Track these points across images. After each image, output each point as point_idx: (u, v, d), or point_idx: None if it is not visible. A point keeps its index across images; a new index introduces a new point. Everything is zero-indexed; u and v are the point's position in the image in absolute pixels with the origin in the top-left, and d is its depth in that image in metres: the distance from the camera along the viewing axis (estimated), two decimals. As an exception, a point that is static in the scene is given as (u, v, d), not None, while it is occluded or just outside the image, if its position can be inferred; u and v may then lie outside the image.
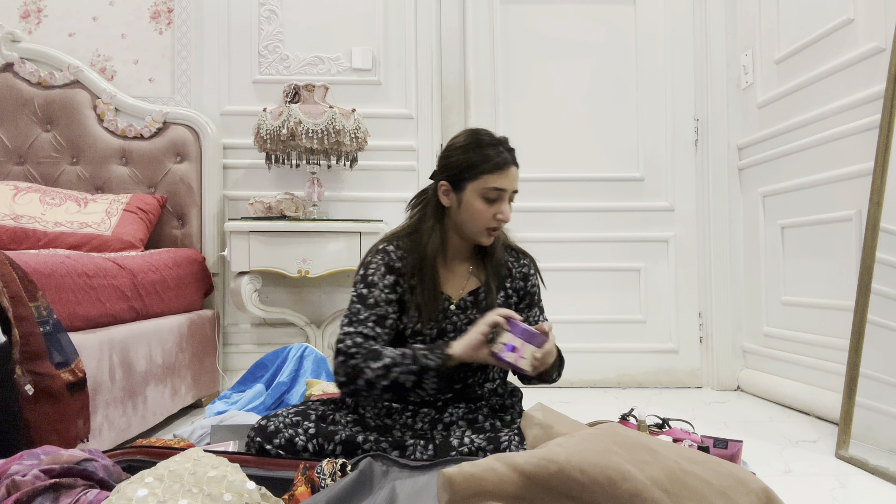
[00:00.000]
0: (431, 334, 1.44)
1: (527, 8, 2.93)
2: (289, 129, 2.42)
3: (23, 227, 2.17)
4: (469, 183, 1.40)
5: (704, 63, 2.88)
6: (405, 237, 1.49)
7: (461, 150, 1.42)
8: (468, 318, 1.47)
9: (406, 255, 1.45)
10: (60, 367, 1.36)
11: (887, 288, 1.78)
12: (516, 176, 1.43)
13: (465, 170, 1.41)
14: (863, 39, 2.04)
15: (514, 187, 1.42)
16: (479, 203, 1.40)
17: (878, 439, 1.71)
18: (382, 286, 1.41)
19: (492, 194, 1.39)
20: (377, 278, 1.41)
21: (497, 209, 1.41)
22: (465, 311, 1.48)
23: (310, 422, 1.36)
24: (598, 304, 2.89)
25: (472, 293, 1.49)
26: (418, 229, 1.48)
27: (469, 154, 1.41)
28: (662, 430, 1.74)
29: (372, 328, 1.36)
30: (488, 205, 1.40)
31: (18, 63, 2.66)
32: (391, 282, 1.42)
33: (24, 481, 0.99)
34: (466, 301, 1.48)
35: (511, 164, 1.41)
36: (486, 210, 1.40)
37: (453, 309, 1.47)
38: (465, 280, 1.50)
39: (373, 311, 1.38)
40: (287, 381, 2.08)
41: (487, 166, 1.39)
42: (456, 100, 2.91)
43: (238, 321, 2.80)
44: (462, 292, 1.49)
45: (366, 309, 1.38)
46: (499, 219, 1.41)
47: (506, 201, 1.42)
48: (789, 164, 2.44)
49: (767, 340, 2.61)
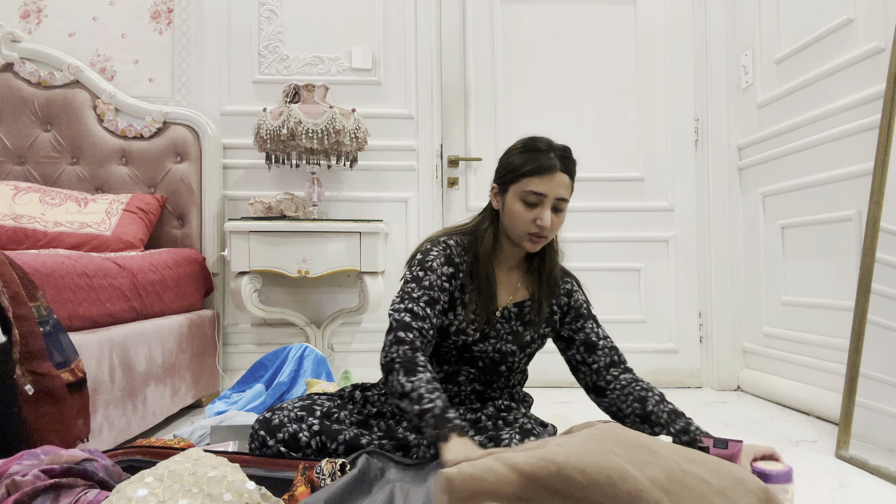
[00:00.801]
0: (474, 336, 1.43)
1: (527, 8, 2.93)
2: (289, 129, 2.42)
3: (23, 227, 2.17)
4: (511, 185, 1.40)
5: (704, 63, 2.88)
6: (465, 234, 1.49)
7: (513, 153, 1.42)
8: (510, 329, 1.46)
9: (464, 253, 1.45)
10: (60, 367, 1.36)
11: (887, 288, 1.78)
12: (564, 183, 1.39)
13: (509, 171, 1.41)
14: (863, 39, 2.04)
15: (557, 194, 1.38)
16: (517, 206, 1.39)
17: (878, 439, 1.71)
18: (440, 273, 1.39)
19: (530, 198, 1.37)
20: (436, 265, 1.40)
21: (537, 214, 1.37)
22: (508, 321, 1.47)
23: (314, 418, 1.36)
24: (598, 304, 2.84)
25: (518, 305, 1.48)
26: (476, 229, 1.48)
27: (517, 157, 1.41)
28: (662, 430, 1.74)
29: (423, 308, 1.34)
30: (528, 209, 1.38)
31: (18, 63, 2.66)
32: (449, 273, 1.41)
33: (24, 481, 0.99)
34: (511, 311, 1.47)
35: (556, 170, 1.37)
36: (525, 214, 1.38)
37: (498, 316, 1.46)
38: (514, 289, 1.50)
39: (427, 292, 1.36)
40: (287, 381, 2.08)
41: (528, 169, 1.37)
42: (456, 100, 2.91)
43: (238, 321, 2.80)
44: (509, 301, 1.48)
45: (419, 289, 1.36)
46: (539, 224, 1.37)
47: (546, 208, 1.37)
48: (789, 164, 2.44)
49: (767, 340, 2.61)
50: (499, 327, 1.45)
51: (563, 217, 1.43)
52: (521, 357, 1.49)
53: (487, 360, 1.46)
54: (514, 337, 1.46)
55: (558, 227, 1.42)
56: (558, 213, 1.40)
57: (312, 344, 2.62)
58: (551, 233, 1.41)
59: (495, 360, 1.46)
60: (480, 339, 1.44)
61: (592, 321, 1.53)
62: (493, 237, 1.46)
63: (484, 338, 1.44)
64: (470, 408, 1.46)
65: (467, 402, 1.48)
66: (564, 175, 1.39)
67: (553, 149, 1.40)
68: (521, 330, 1.47)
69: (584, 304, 1.55)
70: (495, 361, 1.46)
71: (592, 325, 1.52)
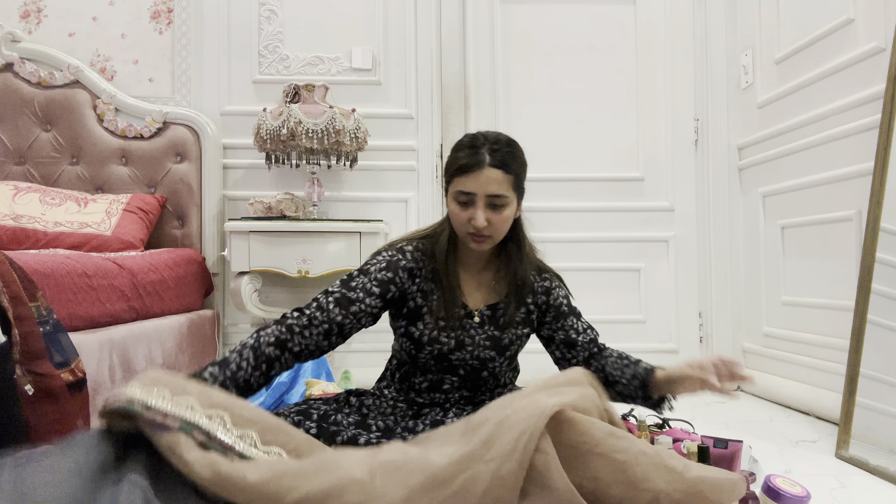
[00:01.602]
0: (449, 344, 1.39)
1: (527, 8, 2.93)
2: (289, 129, 2.42)
3: (23, 227, 2.17)
4: (448, 186, 1.36)
5: (704, 63, 2.88)
6: (426, 239, 1.45)
7: (450, 155, 1.39)
8: (487, 334, 1.41)
9: (424, 258, 1.41)
10: (60, 367, 1.36)
11: (887, 288, 1.78)
12: (494, 179, 1.29)
13: (445, 173, 1.38)
14: (863, 39, 2.04)
15: (486, 191, 1.29)
16: (453, 206, 1.34)
17: (878, 439, 1.71)
18: (373, 277, 1.35)
19: (461, 198, 1.31)
20: (374, 269, 1.37)
21: (470, 214, 1.31)
22: (483, 326, 1.42)
23: (311, 422, 1.35)
24: (598, 304, 2.89)
25: (491, 307, 1.43)
26: (436, 232, 1.44)
27: (449, 158, 1.37)
28: (662, 430, 1.74)
29: (326, 304, 1.30)
30: (462, 209, 1.32)
31: (18, 63, 2.66)
32: (385, 277, 1.36)
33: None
34: (485, 315, 1.43)
35: (483, 166, 1.29)
36: (460, 214, 1.33)
37: (474, 321, 1.42)
38: (487, 292, 1.45)
39: (345, 291, 1.32)
40: (287, 381, 2.08)
41: (455, 168, 1.32)
42: (456, 100, 2.91)
43: (238, 321, 2.80)
44: (482, 304, 1.43)
45: (340, 286, 1.33)
46: (473, 225, 1.31)
47: (479, 206, 1.30)
48: (789, 164, 2.44)
49: (767, 340, 2.61)
50: (473, 333, 1.41)
51: (507, 214, 1.34)
52: (501, 361, 1.45)
53: (468, 367, 1.43)
54: (491, 342, 1.42)
55: (501, 224, 1.34)
56: (497, 209, 1.32)
57: (312, 344, 2.62)
58: (493, 231, 1.34)
59: (476, 368, 1.43)
60: (457, 348, 1.40)
61: (573, 317, 1.47)
62: (448, 238, 1.41)
63: (460, 345, 1.40)
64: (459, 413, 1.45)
65: (456, 408, 1.46)
66: (495, 170, 1.29)
67: (483, 143, 1.31)
68: (498, 334, 1.42)
69: (564, 301, 1.48)
70: (476, 369, 1.43)
71: (573, 322, 1.47)
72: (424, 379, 1.45)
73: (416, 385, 1.45)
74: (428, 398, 1.45)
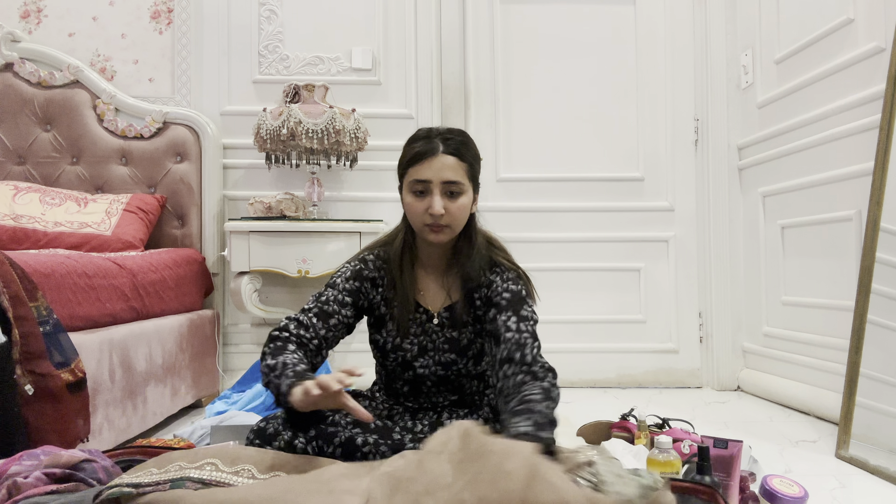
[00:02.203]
0: (412, 350, 1.39)
1: (527, 8, 2.93)
2: (289, 129, 2.42)
3: (23, 227, 2.17)
4: (402, 181, 1.36)
5: (704, 63, 2.88)
6: (383, 246, 1.44)
7: (402, 152, 1.38)
8: (445, 337, 1.40)
9: (384, 266, 1.41)
10: (60, 367, 1.36)
11: (887, 288, 1.78)
12: (448, 165, 1.30)
13: (399, 167, 1.37)
14: (863, 39, 2.04)
15: (442, 177, 1.29)
16: (409, 199, 1.33)
17: (878, 439, 1.71)
18: (342, 288, 1.36)
19: (417, 187, 1.31)
20: (339, 281, 1.38)
21: (427, 203, 1.30)
22: (443, 329, 1.40)
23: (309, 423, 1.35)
24: (598, 304, 2.89)
25: (449, 308, 1.41)
26: (392, 237, 1.44)
27: (403, 152, 1.37)
28: (662, 430, 1.74)
29: (310, 318, 1.32)
30: (418, 199, 1.32)
31: (18, 63, 2.66)
32: (353, 287, 1.37)
33: (26, 483, 0.99)
34: (444, 317, 1.41)
35: (437, 153, 1.30)
36: (417, 205, 1.32)
37: (434, 324, 1.40)
38: (444, 293, 1.42)
39: (321, 306, 1.34)
40: (287, 381, 2.08)
41: (408, 159, 1.33)
42: (456, 100, 2.91)
43: (238, 321, 2.80)
44: (440, 307, 1.42)
45: (314, 302, 1.35)
46: (430, 213, 1.30)
47: (435, 193, 1.29)
48: (789, 164, 2.44)
49: (767, 340, 2.61)
50: (435, 337, 1.40)
51: (463, 202, 1.32)
52: (465, 362, 1.42)
53: (433, 375, 1.41)
54: (450, 344, 1.40)
55: (458, 213, 1.32)
56: (454, 197, 1.31)
57: (312, 344, 2.62)
58: (451, 220, 1.31)
59: (441, 375, 1.41)
60: (419, 354, 1.39)
61: (510, 314, 1.30)
62: (403, 241, 1.40)
63: (422, 351, 1.39)
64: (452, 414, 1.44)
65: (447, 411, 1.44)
66: (449, 157, 1.30)
67: (437, 135, 1.33)
68: (456, 335, 1.40)
69: (507, 295, 1.33)
70: (442, 376, 1.42)
71: (507, 317, 1.30)
72: (404, 383, 1.45)
73: (398, 390, 1.46)
74: (416, 403, 1.45)
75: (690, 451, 1.46)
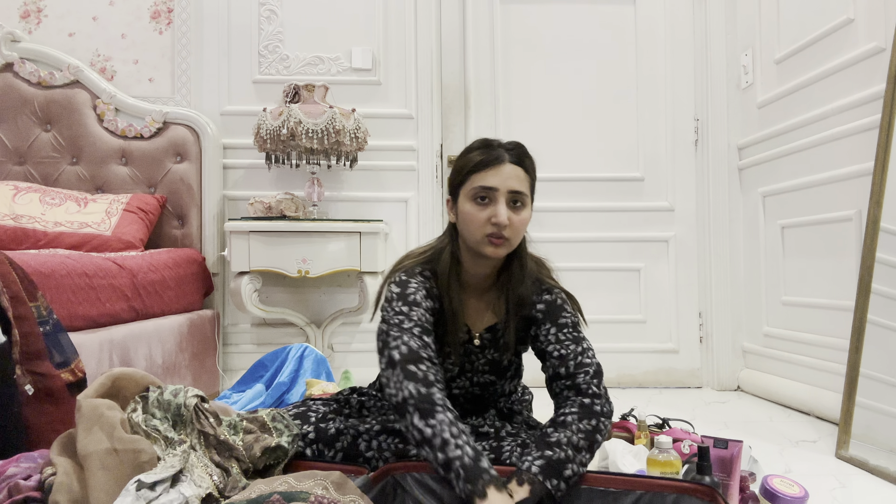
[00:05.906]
0: (452, 371, 1.36)
1: (527, 8, 2.93)
2: (289, 129, 2.42)
3: (23, 227, 2.17)
4: (461, 189, 1.29)
5: (704, 63, 2.88)
6: (427, 263, 1.34)
7: (459, 160, 1.32)
8: (486, 359, 1.36)
9: (435, 282, 1.33)
10: (60, 367, 1.36)
11: (887, 288, 1.78)
12: (516, 175, 1.26)
13: (456, 176, 1.31)
14: (863, 39, 2.04)
15: (509, 186, 1.24)
16: (469, 207, 1.26)
17: (878, 439, 1.71)
18: (425, 308, 1.25)
19: (481, 193, 1.24)
20: (420, 298, 1.26)
21: (491, 212, 1.24)
22: (483, 350, 1.36)
23: (309, 425, 1.33)
24: (598, 304, 2.89)
25: (490, 329, 1.36)
26: (437, 253, 1.35)
27: (462, 159, 1.32)
28: (662, 430, 1.74)
29: (420, 336, 1.18)
30: (481, 207, 1.25)
31: (18, 63, 2.66)
32: (431, 306, 1.28)
33: (26, 485, 0.99)
34: (485, 338, 1.36)
35: (504, 162, 1.25)
36: (479, 214, 1.24)
37: (475, 345, 1.36)
38: (486, 313, 1.37)
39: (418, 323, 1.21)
40: (287, 381, 2.08)
41: (474, 164, 1.26)
42: (456, 100, 2.91)
43: (238, 321, 2.80)
44: (482, 328, 1.37)
45: (409, 321, 1.20)
46: (494, 222, 1.23)
47: (500, 202, 1.24)
48: (789, 164, 2.44)
49: (767, 340, 2.61)
50: (474, 358, 1.37)
51: (525, 216, 1.28)
52: (502, 382, 1.41)
53: (467, 394, 1.40)
54: (490, 366, 1.37)
55: (520, 226, 1.27)
56: (517, 209, 1.26)
57: (312, 344, 2.62)
58: (512, 233, 1.26)
59: (476, 395, 1.41)
60: (458, 375, 1.37)
61: (549, 324, 1.30)
62: (451, 257, 1.32)
63: (462, 372, 1.37)
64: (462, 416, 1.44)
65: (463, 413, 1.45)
66: (516, 167, 1.26)
67: (498, 145, 1.29)
68: (497, 357, 1.37)
69: (542, 307, 1.33)
70: (476, 395, 1.41)
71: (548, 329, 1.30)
72: None
73: None
74: None
75: (690, 451, 1.46)
